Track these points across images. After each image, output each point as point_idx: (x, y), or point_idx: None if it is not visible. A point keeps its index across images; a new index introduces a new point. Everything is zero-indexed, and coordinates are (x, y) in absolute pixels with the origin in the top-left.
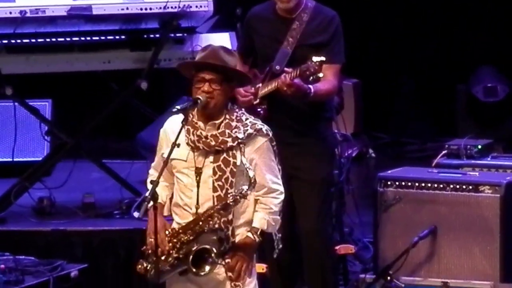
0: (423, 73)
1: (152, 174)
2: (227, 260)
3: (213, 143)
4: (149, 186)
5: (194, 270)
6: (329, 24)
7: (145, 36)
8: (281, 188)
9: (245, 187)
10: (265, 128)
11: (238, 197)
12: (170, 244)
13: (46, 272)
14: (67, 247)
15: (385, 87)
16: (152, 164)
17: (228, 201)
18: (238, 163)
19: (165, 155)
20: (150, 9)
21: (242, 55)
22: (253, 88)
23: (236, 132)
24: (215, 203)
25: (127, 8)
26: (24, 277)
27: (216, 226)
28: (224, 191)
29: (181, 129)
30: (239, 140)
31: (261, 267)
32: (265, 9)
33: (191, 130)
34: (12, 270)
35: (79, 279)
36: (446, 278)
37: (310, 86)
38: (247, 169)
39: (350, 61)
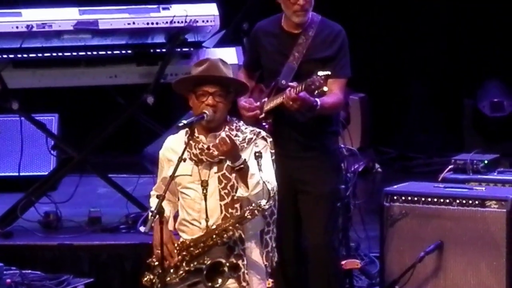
0: (430, 88)
1: (154, 195)
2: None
3: (215, 153)
4: (153, 203)
5: (208, 284)
6: (335, 38)
7: (152, 50)
8: (269, 185)
9: (264, 201)
10: (263, 133)
11: (255, 210)
12: (180, 257)
13: (53, 287)
14: (74, 262)
15: (392, 102)
16: (154, 187)
17: (246, 215)
18: None
19: (168, 174)
20: (157, 23)
21: (248, 69)
22: (258, 103)
23: (236, 140)
24: (223, 212)
25: (134, 23)
26: None
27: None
28: (230, 198)
29: (187, 143)
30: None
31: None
32: (271, 23)
33: (193, 144)
34: (18, 285)
35: None
36: None
37: (317, 99)
38: (266, 182)
39: (357, 76)
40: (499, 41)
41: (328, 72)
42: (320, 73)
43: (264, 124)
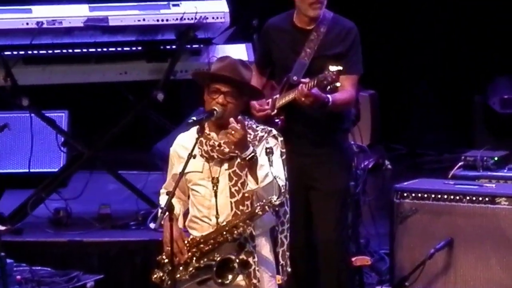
0: (439, 85)
1: (164, 192)
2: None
3: (227, 150)
4: (162, 200)
5: (218, 280)
6: (347, 35)
7: (162, 47)
8: (280, 181)
9: (274, 197)
10: (274, 131)
11: (266, 206)
12: (189, 254)
13: (63, 283)
14: (83, 258)
15: (402, 99)
16: (164, 185)
17: (256, 211)
18: None
19: (179, 171)
20: (167, 20)
21: (259, 66)
22: (270, 100)
23: (248, 138)
24: (233, 209)
25: (144, 19)
26: None
27: (235, 236)
28: (240, 195)
29: (197, 140)
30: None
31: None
32: (282, 20)
33: (204, 141)
34: (28, 281)
35: None
36: None
37: (329, 95)
38: (276, 178)
39: (366, 72)
40: (509, 37)
41: (340, 67)
42: (332, 68)
43: (276, 120)
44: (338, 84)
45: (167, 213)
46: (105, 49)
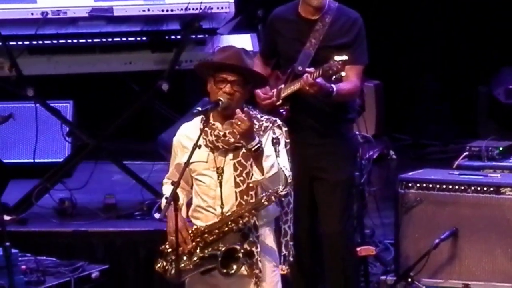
0: (444, 75)
1: (167, 182)
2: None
3: (232, 140)
4: (165, 190)
5: (223, 270)
6: (352, 25)
7: (166, 37)
8: (286, 171)
9: (281, 187)
10: (279, 121)
11: (272, 197)
12: (194, 244)
13: (67, 273)
14: (88, 248)
15: (407, 89)
16: (167, 175)
17: (262, 201)
18: None
19: (183, 161)
20: (172, 10)
21: (264, 56)
22: (275, 90)
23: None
24: (238, 199)
25: (148, 10)
26: (45, 278)
27: (240, 226)
28: (245, 185)
29: (202, 130)
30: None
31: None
32: (287, 10)
33: (209, 131)
34: (33, 271)
35: (100, 280)
36: (468, 280)
37: (333, 85)
38: (283, 169)
39: (371, 62)
40: None
41: (345, 57)
42: (337, 58)
43: (281, 110)
44: (343, 74)
45: (171, 203)
46: (109, 39)
